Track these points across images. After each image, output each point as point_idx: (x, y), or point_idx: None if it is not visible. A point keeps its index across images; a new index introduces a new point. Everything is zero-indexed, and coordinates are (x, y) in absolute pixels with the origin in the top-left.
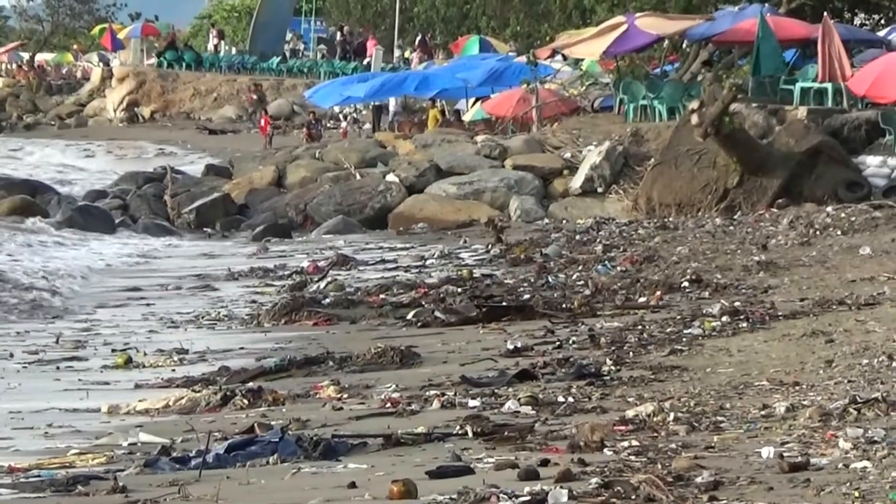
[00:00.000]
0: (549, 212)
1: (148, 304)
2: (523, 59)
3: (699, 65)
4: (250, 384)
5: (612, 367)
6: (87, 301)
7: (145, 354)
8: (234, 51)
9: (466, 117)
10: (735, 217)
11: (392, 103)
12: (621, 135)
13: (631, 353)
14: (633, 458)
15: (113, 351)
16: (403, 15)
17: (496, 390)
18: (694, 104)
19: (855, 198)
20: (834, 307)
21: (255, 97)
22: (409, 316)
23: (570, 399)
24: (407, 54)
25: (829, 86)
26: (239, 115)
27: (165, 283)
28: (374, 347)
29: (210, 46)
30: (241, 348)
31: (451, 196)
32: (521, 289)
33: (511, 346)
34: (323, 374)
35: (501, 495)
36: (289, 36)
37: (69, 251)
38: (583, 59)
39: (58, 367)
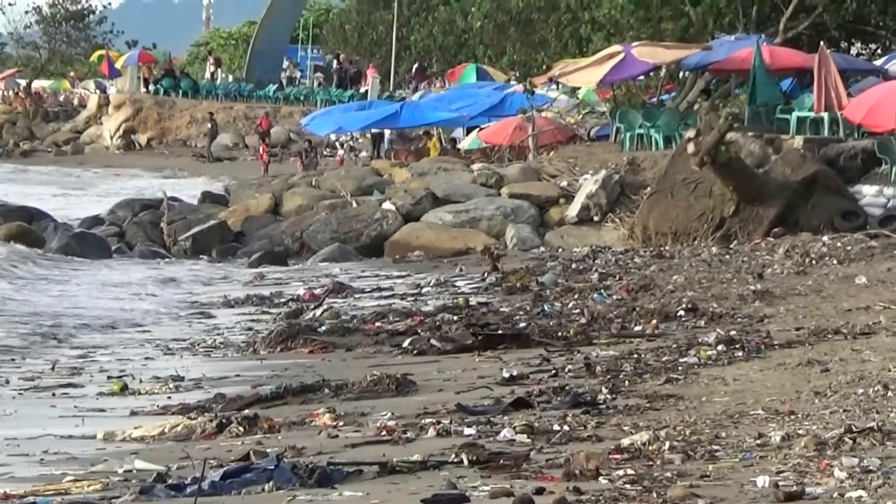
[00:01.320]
0: (546, 240)
1: (143, 332)
2: (520, 87)
3: (696, 94)
4: (246, 411)
5: (608, 396)
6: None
7: (141, 381)
8: (230, 78)
9: (463, 145)
10: (731, 246)
11: (388, 131)
12: (618, 163)
13: (626, 382)
14: (628, 486)
15: (109, 378)
16: (400, 43)
17: (492, 418)
18: (690, 133)
19: (851, 227)
20: (829, 336)
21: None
22: (405, 344)
23: (566, 427)
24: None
25: (825, 115)
26: (235, 142)
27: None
28: (369, 375)
29: (207, 74)
30: (237, 375)
31: (447, 224)
32: (517, 317)
33: (507, 375)
34: (318, 401)
35: None
36: (285, 64)
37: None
38: (579, 88)
39: (53, 394)
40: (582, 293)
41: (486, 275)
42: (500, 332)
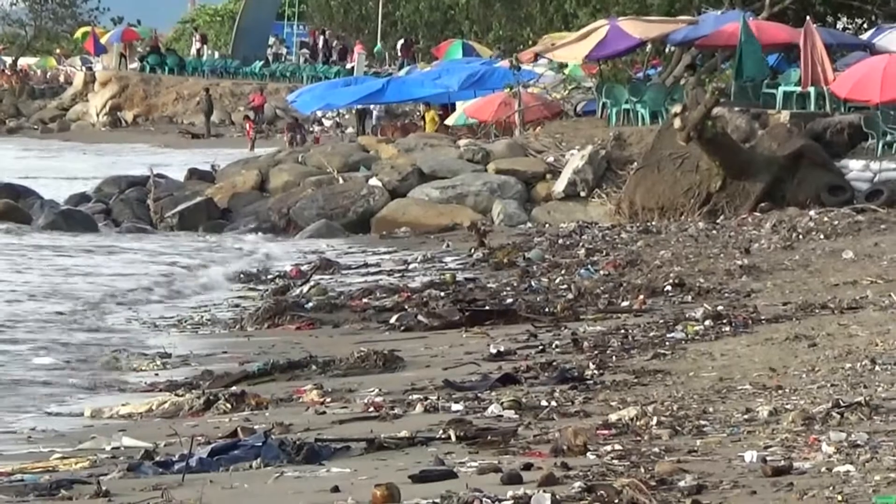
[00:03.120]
0: (532, 216)
1: (130, 308)
2: (506, 62)
3: (682, 69)
4: (233, 388)
5: (595, 371)
6: None
7: (128, 358)
8: (216, 55)
9: (449, 121)
10: (718, 221)
11: (375, 108)
12: (604, 139)
13: (614, 357)
14: (616, 462)
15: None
16: (386, 19)
17: (479, 394)
18: (677, 108)
19: (838, 202)
20: (817, 311)
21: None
22: (392, 320)
23: (553, 403)
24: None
25: (811, 90)
26: (222, 119)
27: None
28: (357, 351)
29: (193, 51)
30: (224, 352)
31: (433, 200)
32: (504, 293)
33: (494, 351)
34: (306, 378)
35: (484, 499)
36: (271, 40)
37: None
38: (566, 63)
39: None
40: (569, 269)
41: (472, 251)
42: (487, 308)
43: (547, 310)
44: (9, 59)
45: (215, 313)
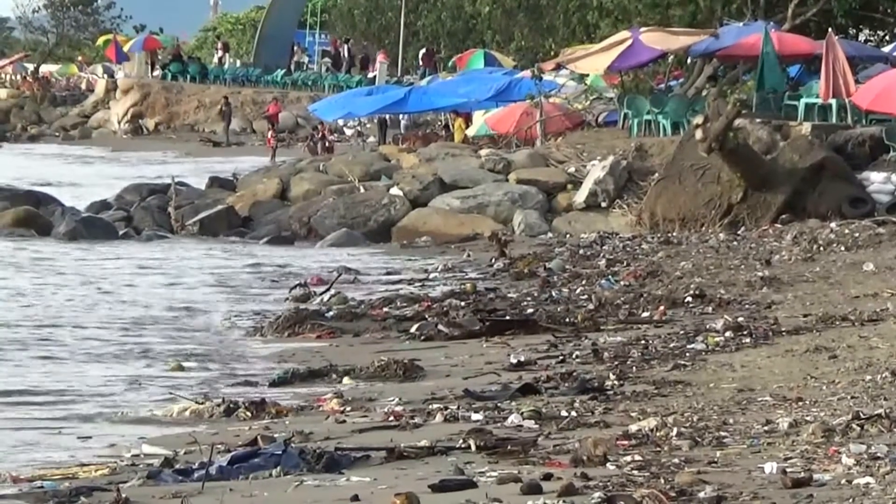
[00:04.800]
0: (553, 226)
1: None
2: (528, 73)
3: (704, 80)
4: (253, 396)
5: (616, 382)
6: None
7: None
8: (238, 63)
9: (470, 131)
10: (739, 232)
11: (403, 117)
12: (625, 149)
13: (634, 368)
14: (635, 472)
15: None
16: (408, 29)
17: (499, 404)
18: (698, 119)
19: (859, 214)
20: (837, 323)
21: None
22: (413, 329)
23: (573, 413)
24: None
25: (833, 102)
26: (243, 127)
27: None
28: (377, 360)
29: (215, 59)
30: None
31: (454, 210)
32: (525, 303)
33: (514, 360)
34: (326, 386)
35: None
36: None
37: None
38: (587, 74)
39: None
40: (589, 279)
41: (493, 260)
42: (507, 317)
43: (567, 320)
44: (31, 67)
45: (236, 321)
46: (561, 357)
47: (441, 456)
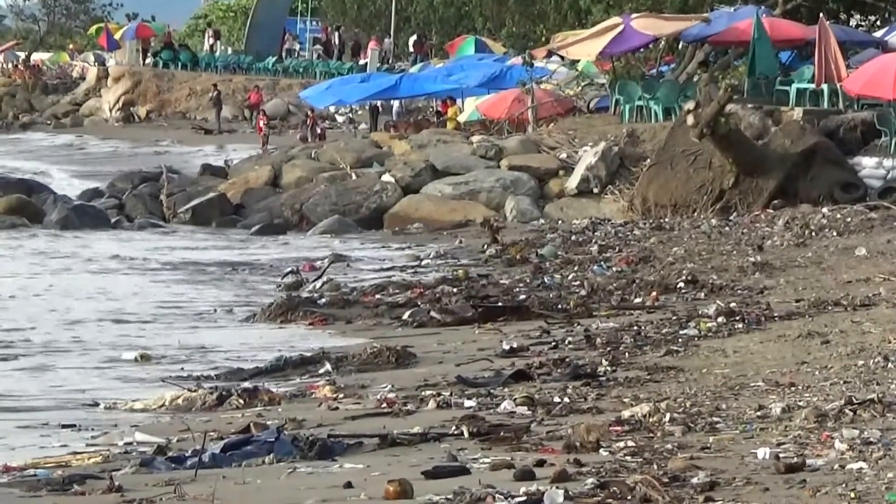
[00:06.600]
0: (545, 212)
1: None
2: (519, 59)
3: (695, 65)
4: (246, 383)
5: (608, 368)
6: None
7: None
8: (229, 51)
9: (462, 118)
10: (731, 218)
11: (395, 103)
12: (617, 135)
13: (627, 354)
14: (628, 458)
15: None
16: (399, 15)
17: (492, 390)
18: (690, 105)
19: (850, 199)
20: (830, 308)
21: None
22: (405, 316)
23: (566, 399)
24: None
25: (825, 87)
26: (235, 114)
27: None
28: (370, 347)
29: (206, 46)
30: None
31: (446, 196)
32: (517, 289)
33: (507, 347)
34: (319, 373)
35: (497, 496)
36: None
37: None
38: (579, 60)
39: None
40: (582, 265)
41: (485, 247)
42: (499, 304)
43: (560, 306)
44: (22, 55)
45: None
46: (553, 343)
47: (434, 442)
